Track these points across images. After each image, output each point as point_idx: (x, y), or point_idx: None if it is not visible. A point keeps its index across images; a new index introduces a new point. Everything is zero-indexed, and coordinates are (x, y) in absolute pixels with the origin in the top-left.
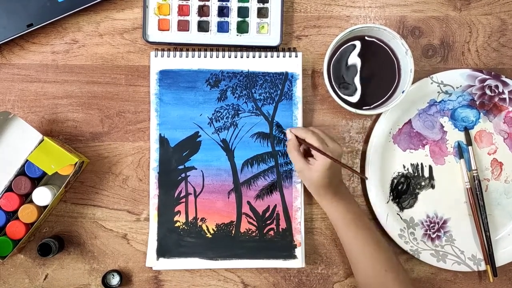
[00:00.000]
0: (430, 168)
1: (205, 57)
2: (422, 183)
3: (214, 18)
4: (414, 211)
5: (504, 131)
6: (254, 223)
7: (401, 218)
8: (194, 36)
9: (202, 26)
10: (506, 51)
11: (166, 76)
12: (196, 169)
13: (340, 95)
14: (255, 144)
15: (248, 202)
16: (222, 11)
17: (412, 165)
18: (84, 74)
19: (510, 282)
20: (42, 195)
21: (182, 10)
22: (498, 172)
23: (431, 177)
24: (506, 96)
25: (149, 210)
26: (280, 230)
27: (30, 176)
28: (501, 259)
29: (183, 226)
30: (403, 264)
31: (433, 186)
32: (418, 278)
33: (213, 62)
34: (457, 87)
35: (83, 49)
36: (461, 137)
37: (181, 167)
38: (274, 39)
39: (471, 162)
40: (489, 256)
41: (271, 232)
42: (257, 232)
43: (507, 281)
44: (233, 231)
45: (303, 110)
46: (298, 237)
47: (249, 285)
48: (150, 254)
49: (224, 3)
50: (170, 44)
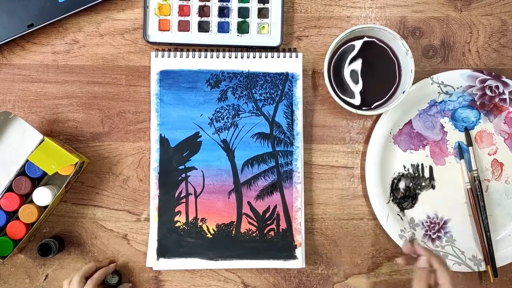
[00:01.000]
0: (431, 168)
1: (205, 57)
2: (423, 184)
3: (214, 19)
4: (414, 212)
5: (504, 132)
6: (255, 224)
7: (401, 218)
8: (194, 36)
9: (203, 27)
10: (506, 52)
11: (166, 76)
12: (196, 169)
13: (340, 96)
14: (256, 144)
15: (248, 203)
16: (223, 12)
17: (412, 165)
18: (84, 74)
19: (510, 283)
20: (43, 195)
21: (183, 10)
22: (499, 172)
23: (432, 177)
24: (506, 96)
25: (149, 210)
26: (280, 230)
27: (30, 176)
28: (501, 260)
29: (184, 226)
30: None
31: (433, 187)
32: None
33: (213, 63)
34: (457, 88)
35: (84, 49)
36: (461, 137)
37: (181, 167)
38: (274, 40)
39: (472, 162)
40: (489, 256)
41: (272, 232)
42: (257, 232)
43: (508, 281)
44: (233, 232)
45: (304, 111)
46: (299, 237)
47: (249, 285)
48: (150, 254)
49: (224, 4)
50: (170, 44)
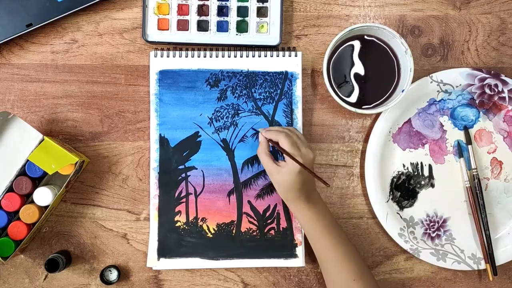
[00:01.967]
0: (430, 167)
1: (204, 57)
2: (422, 182)
3: (213, 18)
4: (414, 210)
5: (503, 130)
6: (255, 223)
7: (401, 217)
8: (193, 35)
9: (202, 26)
10: (505, 50)
11: (166, 76)
12: (196, 169)
13: (339, 95)
14: (255, 143)
15: (248, 202)
16: (222, 11)
17: (412, 164)
18: (83, 74)
19: (510, 281)
20: (43, 195)
21: (182, 9)
22: (498, 171)
23: (431, 176)
24: (505, 95)
25: (149, 210)
26: (280, 229)
27: (31, 176)
28: (501, 258)
29: (184, 226)
30: (403, 263)
31: (433, 185)
32: (418, 277)
33: (212, 62)
34: (456, 86)
35: (83, 48)
36: (460, 136)
37: (181, 167)
38: (273, 39)
39: (471, 161)
40: (489, 255)
41: (272, 231)
42: (258, 231)
43: (507, 280)
44: (233, 231)
45: (303, 110)
46: (299, 236)
47: (249, 284)
48: (151, 255)
49: (223, 3)
50: (169, 43)
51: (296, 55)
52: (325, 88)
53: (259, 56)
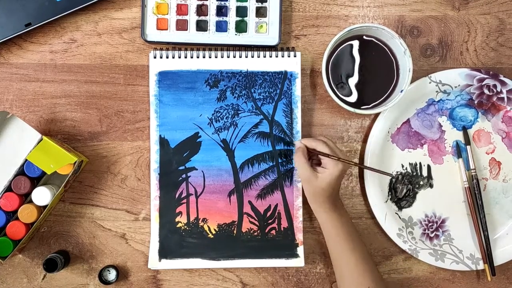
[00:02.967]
0: (429, 167)
1: (203, 57)
2: (421, 183)
3: (212, 18)
4: (412, 211)
5: (502, 131)
6: (256, 223)
7: (399, 217)
8: (192, 35)
9: (201, 26)
10: (504, 51)
11: (165, 77)
12: (196, 169)
13: (338, 95)
14: (256, 143)
15: (249, 202)
16: (221, 11)
17: (410, 164)
18: (82, 74)
19: (508, 281)
20: (42, 195)
21: (181, 9)
22: (497, 171)
23: (430, 176)
24: (504, 95)
25: (147, 210)
26: (281, 229)
27: (29, 175)
28: (499, 258)
29: (185, 227)
30: (402, 263)
31: (431, 186)
32: (416, 277)
33: (212, 63)
34: (455, 87)
35: (82, 48)
36: (459, 136)
37: (181, 168)
38: (272, 39)
39: (470, 161)
40: (487, 255)
41: (273, 231)
42: (258, 231)
43: (505, 280)
44: (234, 231)
45: (302, 110)
46: (300, 236)
47: (247, 284)
48: (152, 256)
49: (222, 3)
50: (168, 43)
51: (295, 55)
52: (324, 88)
53: (258, 56)
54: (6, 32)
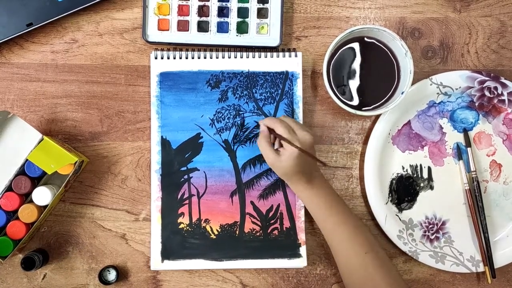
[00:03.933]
0: (429, 169)
1: (205, 58)
2: (421, 184)
3: (214, 19)
4: (413, 212)
5: (503, 133)
6: (258, 223)
7: (400, 219)
8: (193, 36)
9: (202, 26)
10: (505, 53)
11: (166, 78)
12: (198, 170)
13: (339, 96)
14: (257, 144)
15: (251, 202)
16: (222, 12)
17: (411, 166)
18: (83, 74)
19: (508, 284)
20: (42, 195)
21: (182, 10)
22: (497, 173)
23: (430, 178)
24: (505, 97)
25: (148, 210)
26: (284, 229)
27: (30, 175)
28: (499, 261)
29: (187, 227)
30: (402, 265)
31: (432, 188)
32: (416, 279)
33: (213, 63)
34: (456, 89)
35: (83, 48)
36: (460, 138)
37: (183, 169)
38: (274, 40)
39: (470, 163)
40: (487, 257)
41: (275, 231)
42: (261, 232)
43: (505, 282)
44: (237, 232)
45: (303, 111)
46: (302, 235)
47: (247, 285)
48: (154, 257)
49: (224, 4)
50: (169, 44)
51: (296, 55)
52: (325, 89)
53: (260, 56)
54: (7, 32)
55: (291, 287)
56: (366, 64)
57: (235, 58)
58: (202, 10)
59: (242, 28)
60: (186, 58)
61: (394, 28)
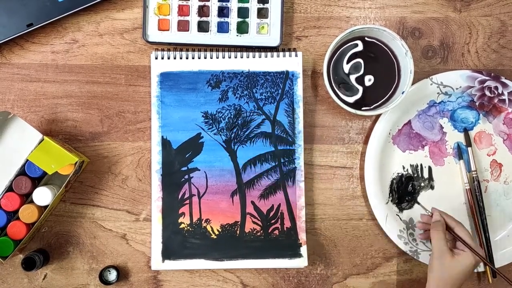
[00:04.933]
0: (430, 169)
1: (205, 58)
2: (422, 184)
3: (214, 19)
4: (413, 212)
5: (503, 132)
6: (259, 223)
7: (400, 219)
8: (194, 36)
9: (202, 26)
10: (505, 53)
11: (167, 78)
12: (199, 170)
13: (340, 96)
14: (258, 144)
15: (252, 202)
16: (222, 12)
17: (411, 166)
18: (84, 74)
19: (509, 284)
20: (43, 195)
21: (182, 10)
22: (498, 173)
23: (431, 178)
24: (505, 97)
25: (148, 210)
26: (284, 229)
27: (30, 175)
28: (500, 260)
29: (188, 227)
30: (403, 265)
31: (432, 187)
32: (417, 279)
33: (213, 63)
34: (456, 88)
35: (83, 49)
36: (460, 138)
37: (184, 169)
38: (274, 40)
39: (471, 163)
40: (488, 257)
41: (276, 231)
42: (262, 231)
43: (506, 282)
44: (237, 231)
45: (303, 111)
46: (303, 235)
47: (248, 285)
48: (155, 257)
49: (224, 4)
50: (170, 44)
51: (296, 55)
52: (325, 89)
53: (260, 56)
54: (7, 32)
55: (292, 287)
56: (366, 64)
57: (236, 58)
58: (202, 10)
59: (242, 28)
60: (187, 58)
61: (394, 28)
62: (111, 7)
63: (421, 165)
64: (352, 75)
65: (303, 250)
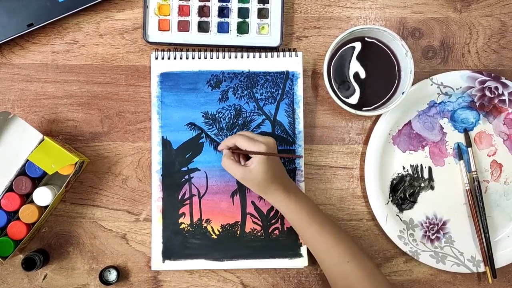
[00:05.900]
0: (430, 169)
1: (205, 58)
2: (422, 185)
3: (214, 19)
4: (413, 213)
5: (503, 133)
6: (259, 223)
7: (400, 219)
8: (194, 36)
9: (202, 27)
10: (506, 53)
11: (167, 78)
12: (199, 170)
13: (340, 96)
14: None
15: (252, 202)
16: (223, 12)
17: (411, 166)
18: (84, 74)
19: (509, 284)
20: (43, 195)
21: (183, 10)
22: (498, 173)
23: (431, 178)
24: (506, 97)
25: (148, 211)
26: (285, 229)
27: (30, 176)
28: (500, 261)
29: (188, 227)
30: (403, 265)
31: (432, 188)
32: (417, 279)
33: (213, 63)
34: (457, 89)
35: (83, 49)
36: (460, 138)
37: (184, 169)
38: (274, 40)
39: (471, 163)
40: (488, 257)
41: (276, 231)
42: (262, 231)
43: (506, 282)
44: (238, 232)
45: (303, 111)
46: None
47: (248, 285)
48: (155, 257)
49: (224, 4)
50: (170, 44)
51: (296, 55)
52: (325, 89)
53: (260, 56)
54: (8, 32)
55: (292, 287)
56: (366, 64)
57: (236, 58)
58: (203, 11)
59: (242, 28)
60: (187, 58)
61: (394, 28)
62: (112, 7)
63: (421, 165)
64: (352, 76)
65: (303, 250)
